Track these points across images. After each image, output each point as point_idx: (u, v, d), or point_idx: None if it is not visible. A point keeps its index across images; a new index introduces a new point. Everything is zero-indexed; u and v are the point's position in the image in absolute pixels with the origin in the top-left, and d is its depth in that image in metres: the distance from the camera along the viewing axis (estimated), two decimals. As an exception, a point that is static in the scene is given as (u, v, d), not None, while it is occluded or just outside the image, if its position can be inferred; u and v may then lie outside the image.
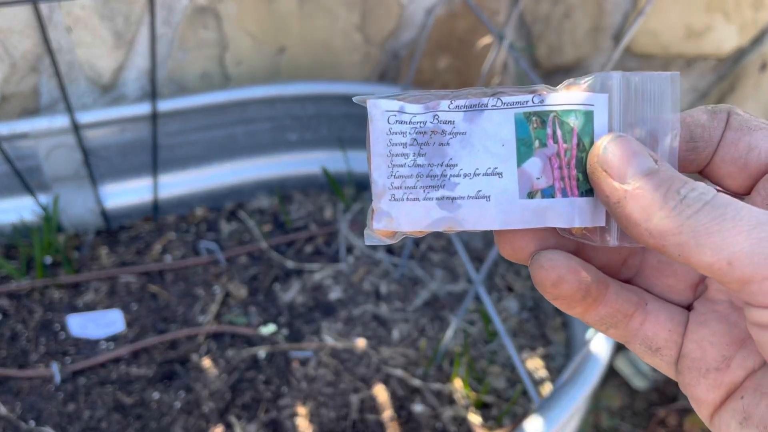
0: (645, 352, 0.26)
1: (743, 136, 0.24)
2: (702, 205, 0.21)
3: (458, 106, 0.25)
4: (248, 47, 1.13)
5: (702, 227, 0.21)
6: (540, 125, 0.25)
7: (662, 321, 0.26)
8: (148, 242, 1.06)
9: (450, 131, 0.25)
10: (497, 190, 0.25)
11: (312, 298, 0.96)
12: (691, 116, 0.25)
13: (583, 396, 0.68)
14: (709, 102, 1.47)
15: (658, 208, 0.22)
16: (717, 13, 1.33)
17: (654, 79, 0.24)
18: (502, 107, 0.25)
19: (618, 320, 0.26)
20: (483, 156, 0.25)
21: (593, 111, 0.24)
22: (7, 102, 1.05)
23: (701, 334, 0.25)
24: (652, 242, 0.22)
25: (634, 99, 0.25)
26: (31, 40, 1.00)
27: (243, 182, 1.13)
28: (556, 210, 0.25)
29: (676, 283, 0.27)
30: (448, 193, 0.25)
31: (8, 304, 0.94)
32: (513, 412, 0.83)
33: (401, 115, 0.25)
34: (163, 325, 0.93)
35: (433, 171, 0.25)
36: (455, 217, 0.25)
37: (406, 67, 1.24)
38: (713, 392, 0.24)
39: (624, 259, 0.28)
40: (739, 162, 0.24)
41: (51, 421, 0.80)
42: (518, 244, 0.26)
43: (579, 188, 0.25)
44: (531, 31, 1.26)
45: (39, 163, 1.00)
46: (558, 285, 0.25)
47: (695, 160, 0.25)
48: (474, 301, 0.98)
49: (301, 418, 0.80)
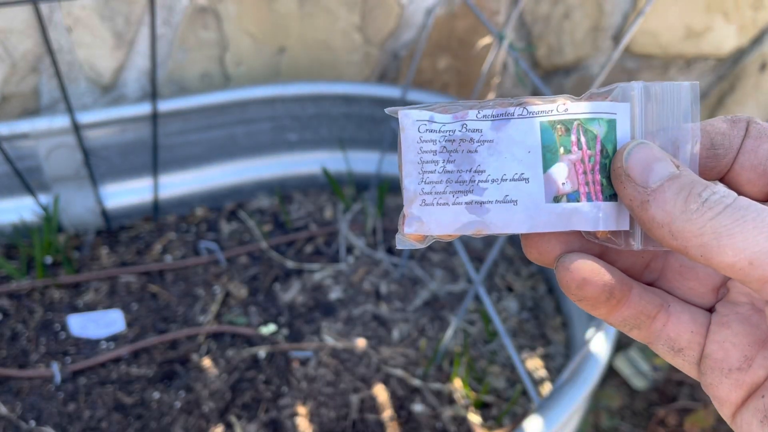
0: (668, 352, 0.27)
1: (763, 143, 0.25)
2: (723, 207, 0.22)
3: (485, 116, 0.26)
4: (248, 47, 1.13)
5: (723, 228, 0.21)
6: (564, 133, 0.26)
7: (685, 322, 0.27)
8: (148, 242, 1.06)
9: (478, 139, 0.26)
10: (524, 195, 0.26)
11: (312, 298, 0.97)
12: (711, 125, 0.26)
13: (582, 396, 0.68)
14: (709, 103, 1.47)
15: (680, 211, 0.22)
16: (716, 14, 1.33)
17: (674, 88, 0.25)
18: (528, 116, 0.26)
19: (641, 321, 0.27)
20: (510, 162, 0.26)
21: (616, 119, 0.26)
22: (7, 102, 1.05)
23: (723, 335, 0.26)
24: (674, 244, 0.23)
25: (655, 108, 0.26)
26: (31, 40, 1.00)
27: (243, 182, 1.13)
28: (582, 214, 0.26)
29: (698, 285, 0.28)
30: (476, 198, 0.26)
31: (8, 304, 0.95)
32: (513, 412, 0.83)
33: (431, 125, 0.26)
34: (164, 325, 0.93)
35: (462, 177, 0.26)
36: (484, 221, 0.26)
37: (406, 68, 1.24)
38: (735, 392, 0.25)
39: (647, 262, 0.28)
40: (759, 169, 0.25)
41: (51, 421, 0.80)
42: (544, 248, 0.27)
43: (603, 193, 0.26)
44: (531, 32, 1.26)
45: (39, 163, 1.00)
46: (583, 287, 0.26)
47: (716, 167, 0.26)
48: (474, 301, 0.98)
49: (301, 418, 0.80)
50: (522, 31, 1.26)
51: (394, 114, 0.27)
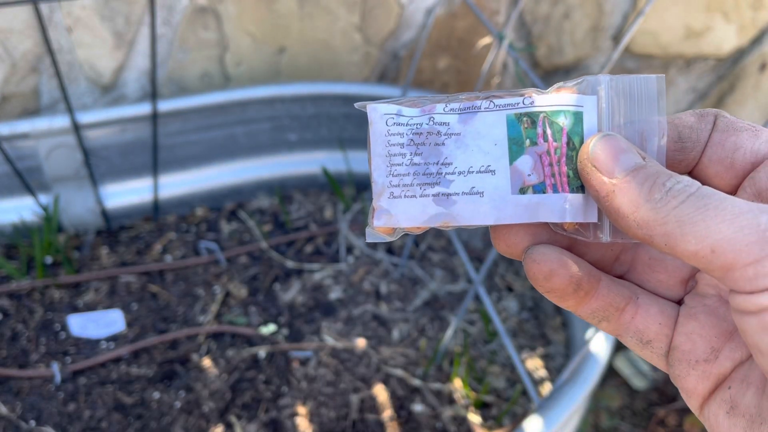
0: (636, 344, 0.27)
1: (729, 136, 0.25)
2: (687, 196, 0.22)
3: (452, 109, 0.26)
4: (248, 47, 1.13)
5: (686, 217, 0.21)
6: (530, 125, 0.26)
7: (653, 314, 0.27)
8: (148, 242, 1.06)
9: (445, 132, 0.26)
10: (490, 187, 0.26)
11: (312, 298, 0.97)
12: (680, 118, 0.26)
13: (582, 396, 0.68)
14: (709, 103, 1.47)
15: (645, 200, 0.23)
16: (716, 14, 1.33)
17: (641, 81, 0.25)
18: (495, 109, 0.26)
19: (610, 313, 0.27)
20: (476, 155, 0.26)
21: (582, 112, 0.26)
22: (7, 102, 1.05)
23: (691, 327, 0.26)
24: (640, 233, 0.23)
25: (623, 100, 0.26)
26: (31, 40, 1.00)
27: (243, 182, 1.13)
28: (548, 205, 0.26)
29: (667, 278, 0.28)
30: (443, 190, 0.26)
31: (9, 304, 0.95)
32: (513, 412, 0.83)
33: (399, 118, 0.26)
34: (164, 325, 0.93)
35: (429, 169, 0.26)
36: (450, 213, 0.26)
37: (406, 68, 1.24)
38: (702, 383, 0.25)
39: (616, 255, 0.28)
40: (726, 161, 0.25)
41: (51, 421, 0.80)
42: (512, 240, 0.27)
43: (570, 185, 0.26)
44: (531, 32, 1.26)
45: (39, 163, 1.00)
46: (550, 278, 0.26)
47: (684, 159, 0.26)
48: (474, 301, 0.98)
49: (301, 418, 0.80)
50: (522, 31, 1.26)
51: (363, 108, 0.27)
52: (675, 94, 1.45)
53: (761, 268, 0.20)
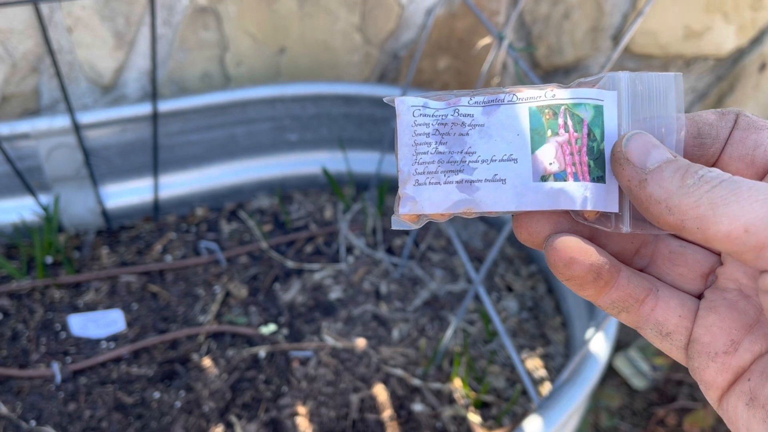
0: (656, 336, 0.27)
1: (751, 134, 0.26)
2: (719, 181, 0.22)
3: (477, 102, 0.27)
4: (248, 48, 1.13)
5: (720, 198, 0.22)
6: (552, 116, 0.27)
7: (673, 307, 0.27)
8: (148, 242, 1.06)
9: (469, 123, 0.27)
10: (512, 174, 0.27)
11: (312, 298, 0.97)
12: (700, 116, 0.27)
13: (582, 396, 0.68)
14: (709, 103, 1.47)
15: (677, 186, 0.23)
16: (716, 14, 1.33)
17: (659, 78, 0.26)
18: (518, 102, 0.27)
19: (629, 305, 0.27)
20: (499, 144, 0.27)
21: (603, 106, 0.26)
22: (7, 102, 1.05)
23: (710, 320, 0.26)
24: (671, 219, 0.23)
25: (641, 97, 0.26)
26: (31, 40, 1.00)
27: (243, 182, 1.14)
28: (568, 192, 0.26)
29: (687, 272, 0.28)
30: (466, 177, 0.27)
31: (9, 304, 0.95)
32: (512, 412, 0.83)
33: (425, 110, 0.27)
34: (164, 325, 0.93)
35: (453, 157, 0.27)
36: (473, 199, 0.27)
37: (406, 68, 1.24)
38: (721, 375, 0.25)
39: (636, 248, 0.29)
40: (747, 159, 0.26)
41: (52, 421, 0.80)
42: (534, 228, 0.28)
43: (590, 174, 0.26)
44: (530, 32, 1.26)
45: (39, 164, 1.00)
46: (570, 266, 0.26)
47: (703, 156, 0.27)
48: (474, 300, 0.98)
49: (301, 418, 0.80)
50: (522, 32, 1.26)
51: (392, 102, 0.28)
52: (675, 95, 1.45)
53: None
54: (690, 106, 1.48)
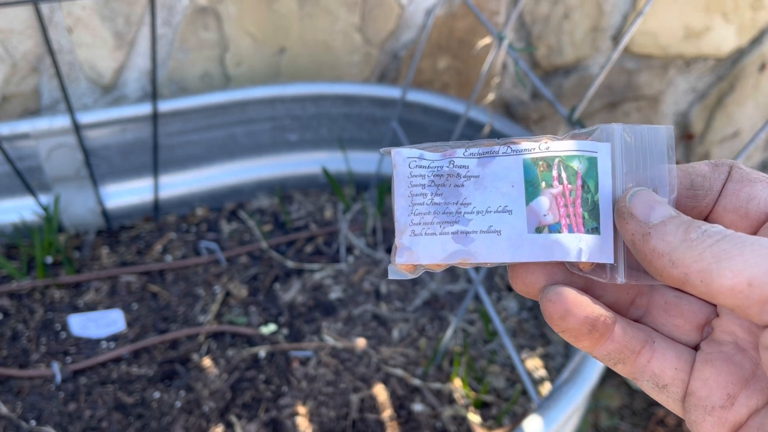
0: (652, 388, 0.27)
1: (744, 187, 0.26)
2: (722, 236, 0.23)
3: (472, 153, 0.28)
4: (248, 48, 1.13)
5: (723, 252, 0.22)
6: (546, 168, 0.27)
7: (669, 359, 0.27)
8: (148, 242, 1.06)
9: (464, 174, 0.28)
10: (507, 226, 0.27)
11: (312, 298, 0.97)
12: (693, 167, 0.27)
13: (582, 395, 0.68)
14: (709, 103, 1.47)
15: (681, 240, 0.24)
16: (716, 14, 1.33)
17: (651, 131, 0.27)
18: (512, 154, 0.27)
19: (625, 356, 0.27)
20: (494, 196, 0.27)
21: (597, 157, 0.27)
22: (8, 102, 1.05)
23: (707, 373, 0.26)
24: (675, 273, 0.23)
25: (634, 149, 0.27)
26: (32, 40, 1.01)
27: (243, 182, 1.14)
28: (563, 244, 0.27)
29: (683, 323, 0.28)
30: (462, 228, 0.27)
31: (9, 304, 0.95)
32: (512, 412, 0.83)
33: (421, 161, 0.28)
34: (164, 325, 0.93)
35: (449, 209, 0.27)
36: (468, 250, 0.27)
37: (405, 68, 1.24)
38: (718, 429, 0.25)
39: (632, 299, 0.29)
40: (741, 211, 0.26)
41: (52, 421, 0.81)
42: (529, 279, 0.28)
43: (585, 226, 0.27)
44: (530, 32, 1.26)
45: (40, 164, 1.00)
46: (565, 318, 0.26)
47: (696, 207, 0.27)
48: (474, 300, 0.98)
49: (301, 418, 0.81)
50: (522, 32, 1.26)
51: (388, 154, 0.28)
52: (675, 95, 1.45)
53: None
54: (690, 105, 1.48)
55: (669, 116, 1.48)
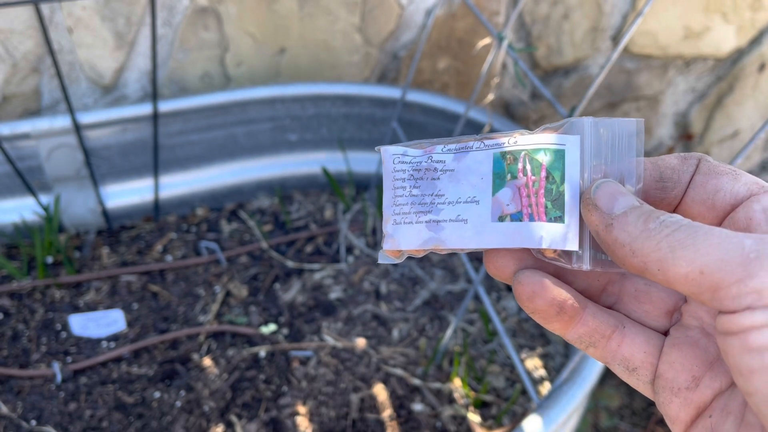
0: (623, 372, 0.29)
1: (711, 179, 0.27)
2: (678, 226, 0.24)
3: (449, 149, 0.30)
4: (248, 48, 1.14)
5: (677, 242, 0.23)
6: (513, 161, 0.29)
7: (639, 343, 0.28)
8: (148, 242, 1.06)
9: (441, 168, 0.30)
10: (474, 215, 0.29)
11: (312, 298, 0.97)
12: (663, 160, 0.28)
13: (582, 395, 0.68)
14: (708, 103, 1.47)
15: (640, 230, 0.25)
16: (715, 14, 1.33)
17: (621, 124, 0.28)
18: (484, 148, 0.29)
19: (596, 340, 0.29)
20: (465, 188, 0.29)
21: (564, 150, 0.28)
22: (8, 102, 1.05)
23: (674, 356, 0.27)
24: (635, 262, 0.25)
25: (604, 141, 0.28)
26: (32, 40, 1.01)
27: (243, 182, 1.14)
28: (524, 232, 0.28)
29: (652, 309, 0.29)
30: (434, 217, 0.29)
31: (9, 304, 0.95)
32: (512, 412, 0.83)
33: (403, 157, 0.31)
34: (164, 325, 0.93)
35: (425, 200, 0.30)
36: (439, 237, 0.29)
37: (405, 68, 1.24)
38: (684, 410, 0.27)
39: (603, 286, 0.30)
40: (708, 203, 0.27)
41: (52, 421, 0.81)
42: (500, 263, 0.30)
43: (547, 215, 0.28)
44: (530, 32, 1.26)
45: (40, 164, 1.01)
46: (532, 299, 0.28)
47: (665, 198, 0.28)
48: (473, 300, 0.98)
49: (301, 417, 0.81)
50: (521, 32, 1.26)
51: (378, 151, 0.31)
52: (674, 95, 1.45)
53: (743, 287, 0.21)
54: (689, 106, 1.48)
55: (668, 116, 1.49)
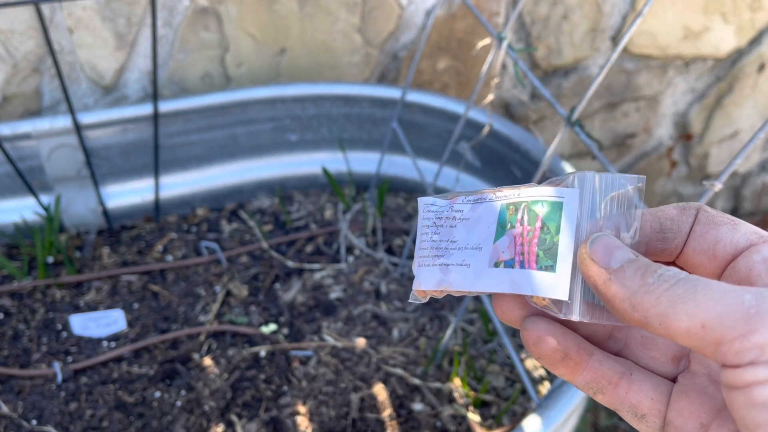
0: (632, 418, 0.29)
1: (710, 230, 0.28)
2: (677, 280, 0.24)
3: (469, 200, 0.33)
4: (249, 48, 1.14)
5: (677, 297, 0.23)
6: (514, 212, 0.30)
7: (646, 390, 0.29)
8: (149, 242, 1.07)
9: (459, 217, 0.32)
10: (476, 260, 0.31)
11: (312, 298, 0.97)
12: (662, 211, 0.29)
13: (581, 395, 0.68)
14: (708, 103, 1.48)
15: (639, 285, 0.25)
16: (715, 15, 1.33)
17: (622, 179, 0.29)
18: (495, 200, 0.31)
19: (603, 386, 0.29)
20: (474, 235, 0.31)
21: (563, 202, 0.29)
22: (9, 102, 1.06)
23: (682, 404, 0.28)
24: (636, 316, 0.25)
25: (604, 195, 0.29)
26: (33, 41, 1.01)
27: (244, 182, 1.14)
28: (514, 278, 0.29)
29: (660, 356, 0.30)
30: (445, 261, 0.32)
31: (10, 304, 0.95)
32: (512, 411, 0.84)
33: (431, 207, 0.34)
34: (165, 325, 0.94)
35: (441, 245, 0.32)
36: (448, 279, 0.31)
37: (405, 68, 1.25)
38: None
39: (610, 332, 0.31)
40: (708, 253, 0.28)
41: (53, 420, 0.81)
42: (505, 307, 0.31)
43: (538, 263, 0.29)
44: (530, 33, 1.27)
45: (41, 164, 1.01)
46: (538, 344, 0.29)
47: (666, 249, 0.29)
48: (473, 300, 0.98)
49: (301, 417, 0.81)
50: (521, 32, 1.26)
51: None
52: (674, 95, 1.45)
53: (746, 342, 0.22)
54: (689, 106, 1.48)
55: (668, 116, 1.49)
